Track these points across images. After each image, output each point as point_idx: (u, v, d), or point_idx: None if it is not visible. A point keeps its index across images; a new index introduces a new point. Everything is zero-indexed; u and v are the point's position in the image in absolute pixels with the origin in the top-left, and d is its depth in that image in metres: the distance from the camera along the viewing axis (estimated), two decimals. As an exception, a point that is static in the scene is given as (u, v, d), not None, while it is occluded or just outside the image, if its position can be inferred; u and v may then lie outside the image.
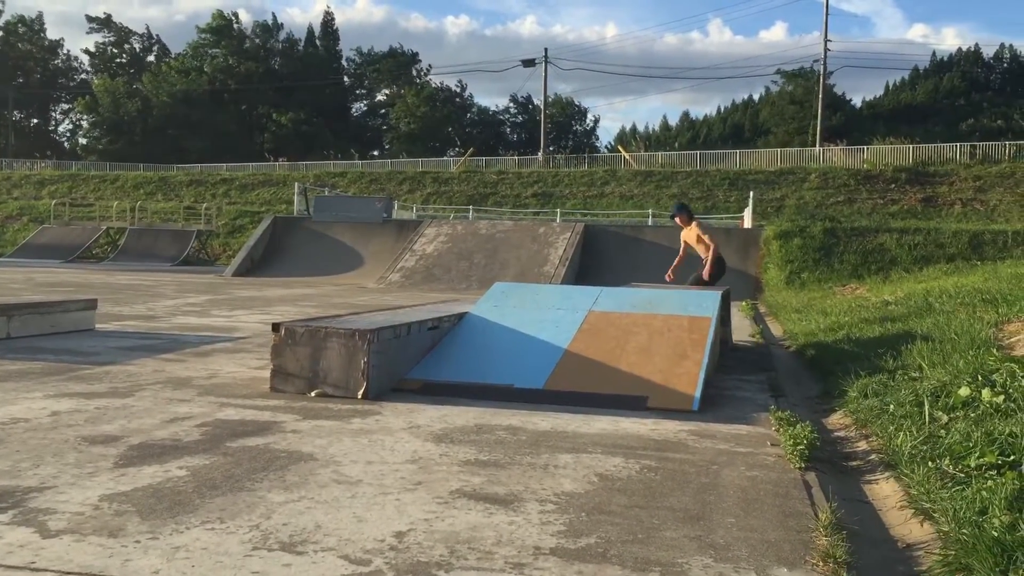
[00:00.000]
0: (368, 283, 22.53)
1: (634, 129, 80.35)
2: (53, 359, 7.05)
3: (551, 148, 65.32)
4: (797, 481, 3.90)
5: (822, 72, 54.24)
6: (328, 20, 79.84)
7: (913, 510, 3.52)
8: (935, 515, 3.34)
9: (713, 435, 4.86)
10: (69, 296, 11.84)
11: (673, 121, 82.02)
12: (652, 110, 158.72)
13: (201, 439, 4.35)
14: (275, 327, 5.90)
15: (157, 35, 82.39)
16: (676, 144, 63.60)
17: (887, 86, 74.58)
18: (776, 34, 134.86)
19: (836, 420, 5.68)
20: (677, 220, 11.63)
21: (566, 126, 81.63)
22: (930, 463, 3.91)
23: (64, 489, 3.39)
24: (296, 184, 35.24)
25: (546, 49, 59.25)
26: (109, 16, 78.64)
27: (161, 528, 2.97)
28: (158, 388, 5.86)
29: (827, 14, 53.75)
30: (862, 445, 4.86)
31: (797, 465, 4.13)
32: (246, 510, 3.20)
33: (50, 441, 4.19)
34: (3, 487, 3.39)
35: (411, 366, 6.36)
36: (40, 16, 78.55)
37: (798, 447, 4.26)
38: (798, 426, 4.63)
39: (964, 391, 5.00)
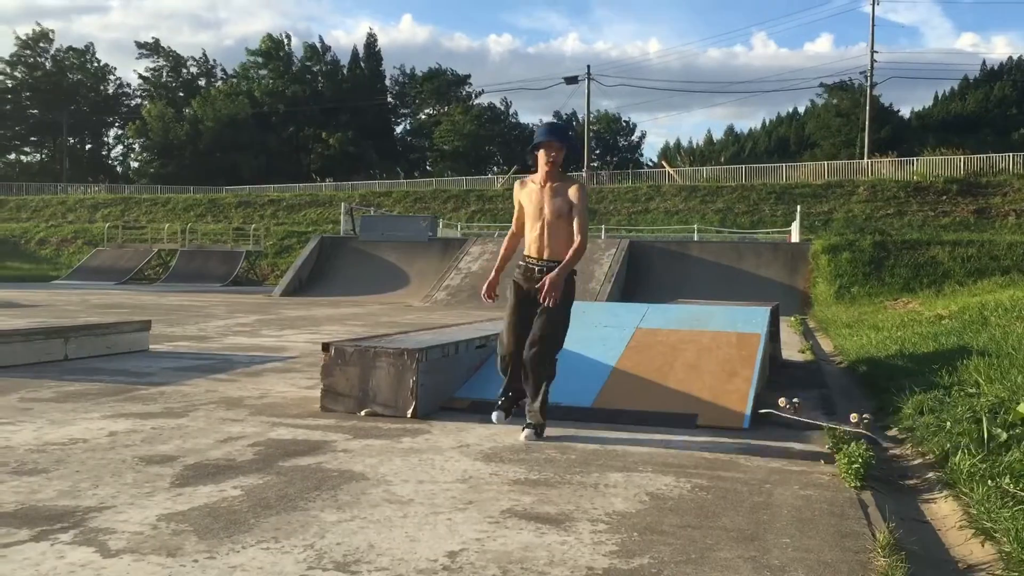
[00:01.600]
0: (414, 302, 22.67)
1: (678, 144, 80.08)
2: (109, 380, 7.19)
3: (596, 164, 65.27)
4: (853, 500, 3.84)
5: (868, 83, 53.61)
6: (371, 41, 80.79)
7: (973, 530, 3.45)
8: (996, 535, 3.27)
9: (765, 453, 4.80)
10: (124, 318, 12.08)
11: (717, 135, 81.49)
12: (696, 124, 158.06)
13: (254, 459, 4.41)
14: (325, 347, 5.97)
15: (215, 60, 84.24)
16: (721, 158, 63.16)
17: (936, 96, 73.35)
18: (822, 46, 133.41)
19: (892, 435, 5.58)
20: (543, 156, 5.15)
21: (612, 142, 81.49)
22: (990, 482, 3.83)
23: (123, 509, 3.45)
24: (342, 204, 35.63)
25: (588, 66, 59.29)
26: (157, 41, 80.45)
27: (218, 547, 3.01)
28: (211, 408, 5.95)
29: (873, 25, 53.37)
30: (919, 463, 4.77)
31: (852, 484, 4.07)
32: (300, 529, 3.23)
33: (108, 461, 4.28)
34: (64, 507, 3.47)
35: (459, 385, 6.38)
36: (91, 46, 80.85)
37: (853, 465, 4.19)
38: (852, 444, 4.56)
39: (1023, 407, 4.89)
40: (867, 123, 51.89)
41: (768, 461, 4.60)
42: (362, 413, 5.75)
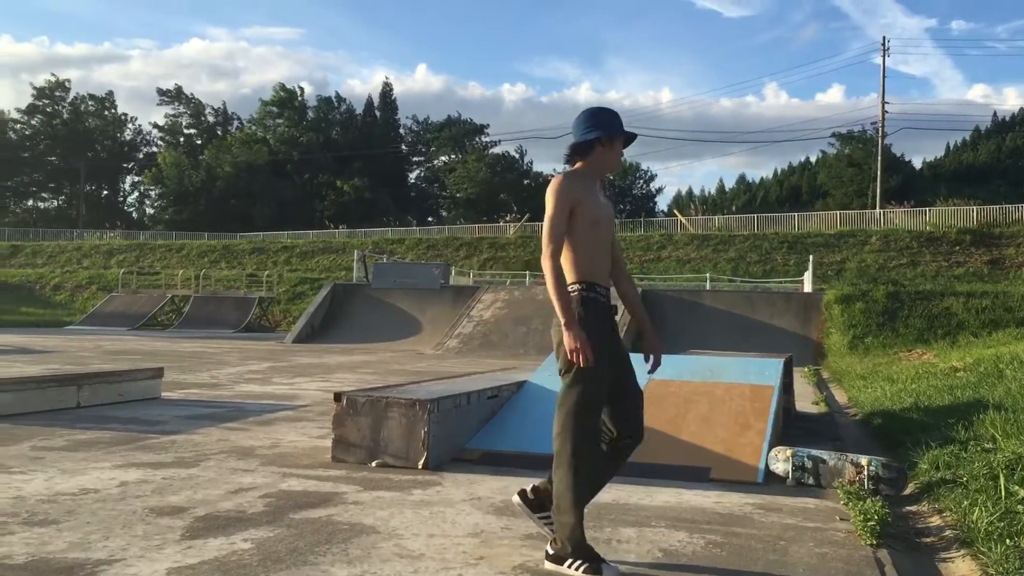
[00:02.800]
0: (426, 349, 22.65)
1: (690, 193, 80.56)
2: (121, 428, 7.19)
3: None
4: (869, 559, 3.79)
5: (880, 134, 53.88)
6: (387, 90, 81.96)
7: (993, 591, 3.39)
8: (1016, 597, 3.22)
9: (779, 508, 4.75)
10: (137, 364, 12.12)
11: (729, 184, 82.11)
12: (708, 173, 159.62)
13: (265, 510, 4.39)
14: (337, 397, 5.96)
15: (234, 112, 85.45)
16: (733, 207, 63.39)
17: (948, 147, 73.82)
18: (833, 96, 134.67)
19: (907, 493, 5.51)
20: (617, 151, 3.96)
21: (626, 189, 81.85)
22: (1008, 541, 3.77)
23: (133, 562, 3.43)
24: (355, 251, 35.81)
25: (601, 116, 59.71)
26: (180, 88, 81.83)
27: (227, 603, 2.98)
28: (222, 458, 5.94)
29: (884, 76, 53.64)
30: (935, 520, 4.71)
31: (868, 541, 4.01)
32: (310, 585, 3.21)
33: (119, 512, 4.26)
34: (74, 559, 3.45)
35: (471, 435, 6.35)
36: (111, 94, 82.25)
37: (869, 522, 4.14)
38: (868, 500, 4.51)
39: (1041, 464, 4.83)
40: (879, 173, 52.05)
41: (782, 517, 4.55)
42: (373, 464, 5.73)
